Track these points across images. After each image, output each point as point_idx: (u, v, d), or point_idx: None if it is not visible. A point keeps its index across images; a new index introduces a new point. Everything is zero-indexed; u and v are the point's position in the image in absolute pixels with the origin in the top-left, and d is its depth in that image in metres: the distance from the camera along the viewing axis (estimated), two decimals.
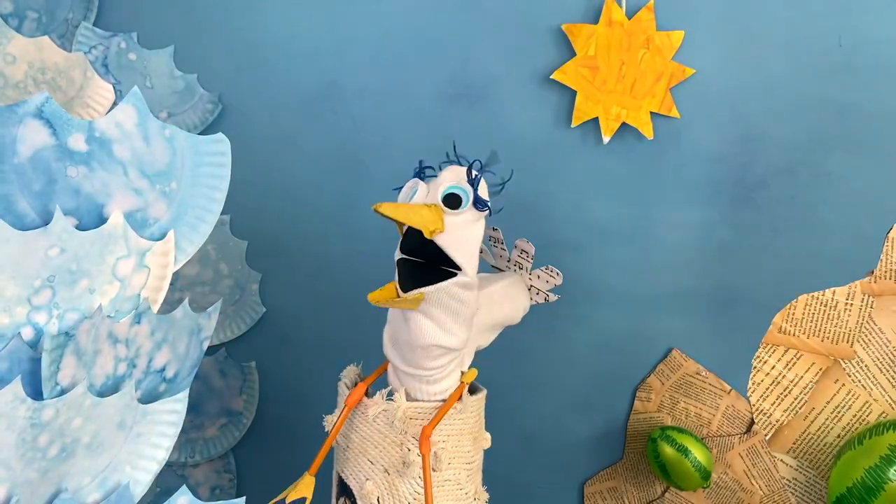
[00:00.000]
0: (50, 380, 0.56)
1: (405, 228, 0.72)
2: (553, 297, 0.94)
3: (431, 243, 0.70)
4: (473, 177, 0.72)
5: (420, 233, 0.70)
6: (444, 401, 0.77)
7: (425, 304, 0.71)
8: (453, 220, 0.71)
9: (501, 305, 0.86)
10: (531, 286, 0.93)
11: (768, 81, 1.14)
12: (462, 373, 0.80)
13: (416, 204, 0.71)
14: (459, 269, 0.71)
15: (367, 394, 0.82)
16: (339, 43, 1.18)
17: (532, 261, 0.91)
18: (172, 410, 0.69)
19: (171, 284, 0.79)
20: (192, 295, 1.21)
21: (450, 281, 0.71)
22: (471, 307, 0.74)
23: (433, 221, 0.69)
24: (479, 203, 0.72)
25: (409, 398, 0.78)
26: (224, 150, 0.72)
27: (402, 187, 0.75)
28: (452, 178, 0.72)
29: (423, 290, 0.70)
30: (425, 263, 0.72)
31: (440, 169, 0.75)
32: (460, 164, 0.75)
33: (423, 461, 0.74)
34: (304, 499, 0.79)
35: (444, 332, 0.73)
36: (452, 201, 0.71)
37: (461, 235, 0.72)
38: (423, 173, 0.74)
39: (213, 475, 1.30)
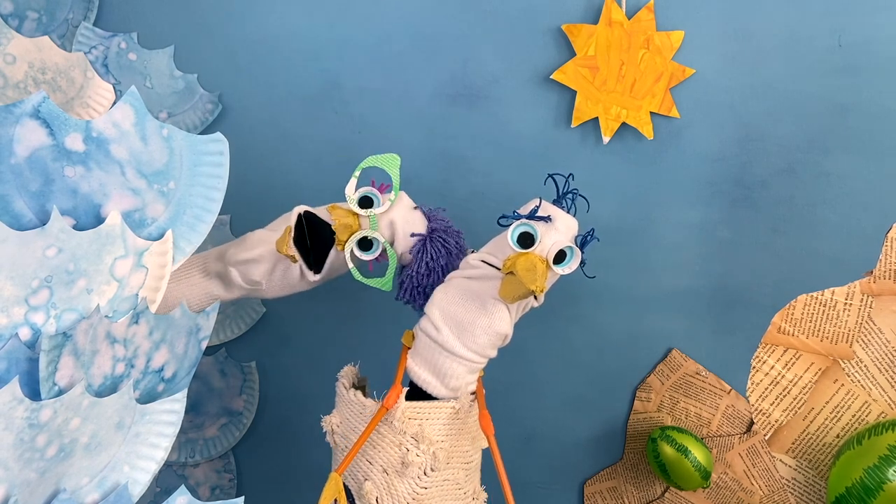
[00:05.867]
0: (48, 380, 0.56)
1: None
2: None
3: None
4: (583, 241, 0.75)
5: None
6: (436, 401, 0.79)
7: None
8: (556, 272, 0.74)
9: None
10: None
11: (768, 81, 1.14)
12: None
13: (541, 266, 0.72)
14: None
15: (365, 394, 0.82)
16: (339, 43, 1.18)
17: None
18: (171, 410, 0.69)
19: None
20: None
21: (533, 298, 0.77)
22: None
23: (544, 284, 0.73)
24: (582, 262, 0.75)
25: (413, 390, 0.79)
26: (222, 150, 0.72)
27: (509, 216, 0.76)
28: (566, 233, 0.75)
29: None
30: None
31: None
32: (557, 203, 0.77)
33: (490, 441, 0.78)
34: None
35: (511, 325, 0.78)
36: (559, 257, 0.74)
37: (549, 282, 0.76)
38: (534, 217, 0.76)
39: (213, 475, 1.30)
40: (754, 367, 1.15)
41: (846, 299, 1.06)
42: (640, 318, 1.23)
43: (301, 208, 0.84)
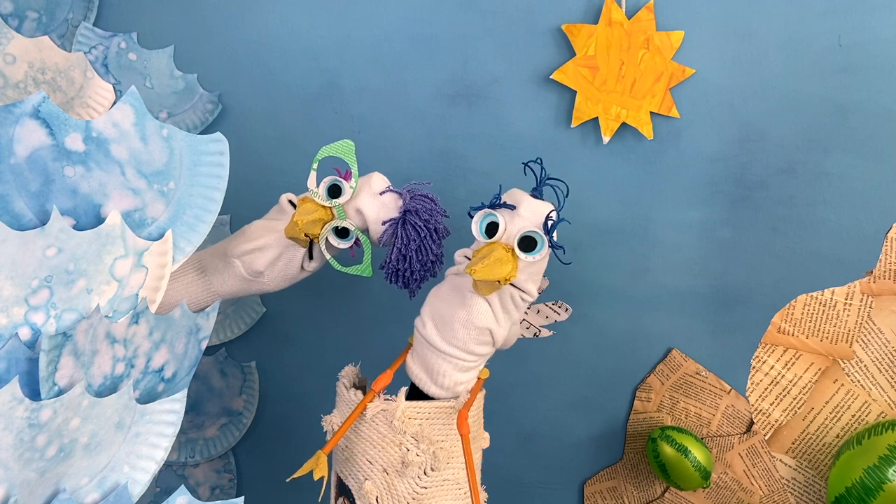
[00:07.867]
0: (47, 380, 0.56)
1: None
2: (546, 333, 0.94)
3: None
4: (550, 225, 0.74)
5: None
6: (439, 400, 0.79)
7: (494, 294, 0.75)
8: (524, 259, 0.73)
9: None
10: (523, 319, 0.93)
11: (768, 81, 1.14)
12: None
13: (498, 252, 0.72)
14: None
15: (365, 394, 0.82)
16: (339, 43, 1.18)
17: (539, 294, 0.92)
18: (171, 410, 0.69)
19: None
20: None
21: (517, 290, 0.76)
22: (518, 316, 0.79)
23: (510, 272, 0.72)
24: (553, 247, 0.74)
25: (414, 390, 0.79)
26: (222, 150, 0.72)
27: (477, 208, 0.76)
28: (531, 218, 0.74)
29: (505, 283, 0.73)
30: None
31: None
32: (535, 192, 0.77)
33: (463, 440, 0.76)
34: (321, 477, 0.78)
35: (497, 323, 0.76)
36: (528, 244, 0.73)
37: (530, 271, 0.75)
38: (497, 205, 0.76)
39: (213, 475, 1.30)
40: (754, 367, 1.15)
41: (846, 299, 1.06)
42: (640, 318, 1.23)
43: (287, 196, 0.85)
